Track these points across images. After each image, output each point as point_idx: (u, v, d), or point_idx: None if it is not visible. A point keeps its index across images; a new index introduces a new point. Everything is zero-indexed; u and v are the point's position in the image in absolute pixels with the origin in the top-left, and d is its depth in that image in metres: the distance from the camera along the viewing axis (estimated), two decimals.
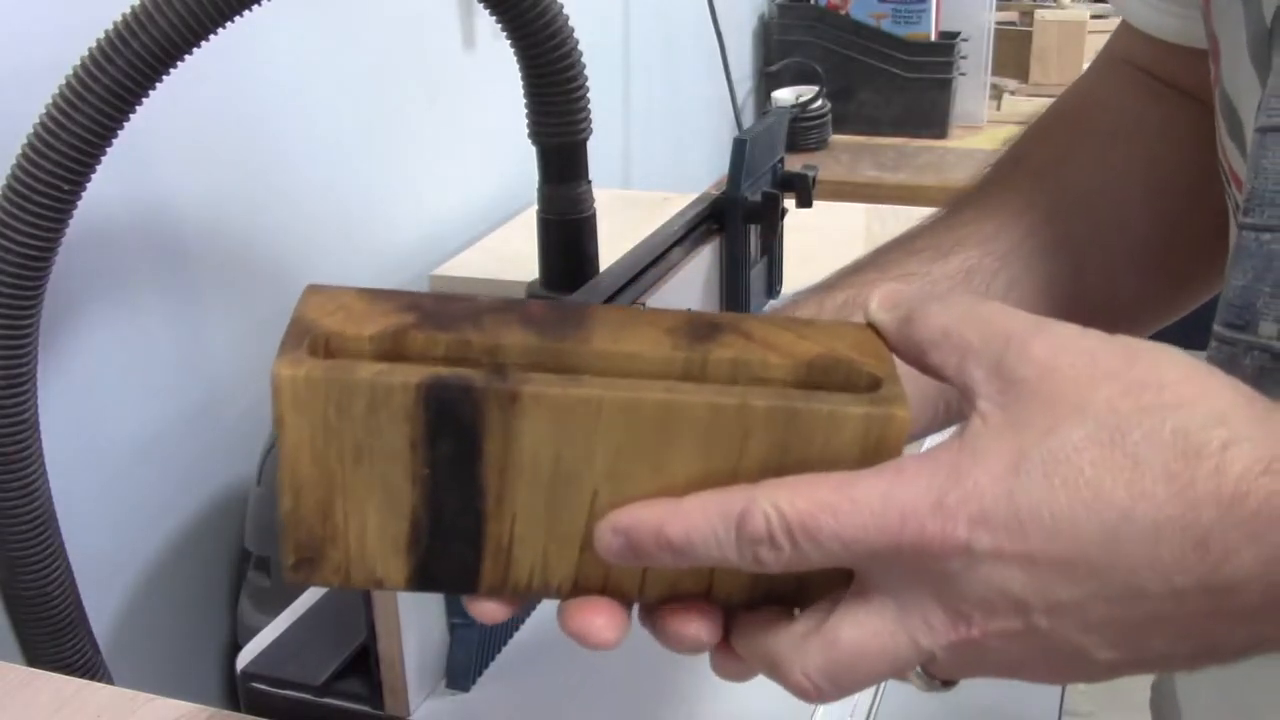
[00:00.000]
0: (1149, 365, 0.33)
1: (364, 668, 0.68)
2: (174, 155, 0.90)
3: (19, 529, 0.76)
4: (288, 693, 0.68)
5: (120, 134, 0.72)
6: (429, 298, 0.37)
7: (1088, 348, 0.34)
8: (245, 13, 0.72)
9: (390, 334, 0.36)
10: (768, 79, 2.18)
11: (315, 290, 0.37)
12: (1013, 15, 2.51)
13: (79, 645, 0.82)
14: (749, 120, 2.10)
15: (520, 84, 0.90)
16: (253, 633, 0.73)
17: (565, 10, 0.87)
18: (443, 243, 1.24)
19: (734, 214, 1.04)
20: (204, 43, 0.72)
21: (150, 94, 0.72)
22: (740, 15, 2.10)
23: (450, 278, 1.18)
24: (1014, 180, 0.60)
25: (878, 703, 0.68)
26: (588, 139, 0.94)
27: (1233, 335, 0.44)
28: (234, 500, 0.99)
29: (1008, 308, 0.36)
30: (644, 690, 0.68)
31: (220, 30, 0.72)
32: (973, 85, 2.17)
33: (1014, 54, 2.40)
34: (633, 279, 0.91)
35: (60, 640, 0.81)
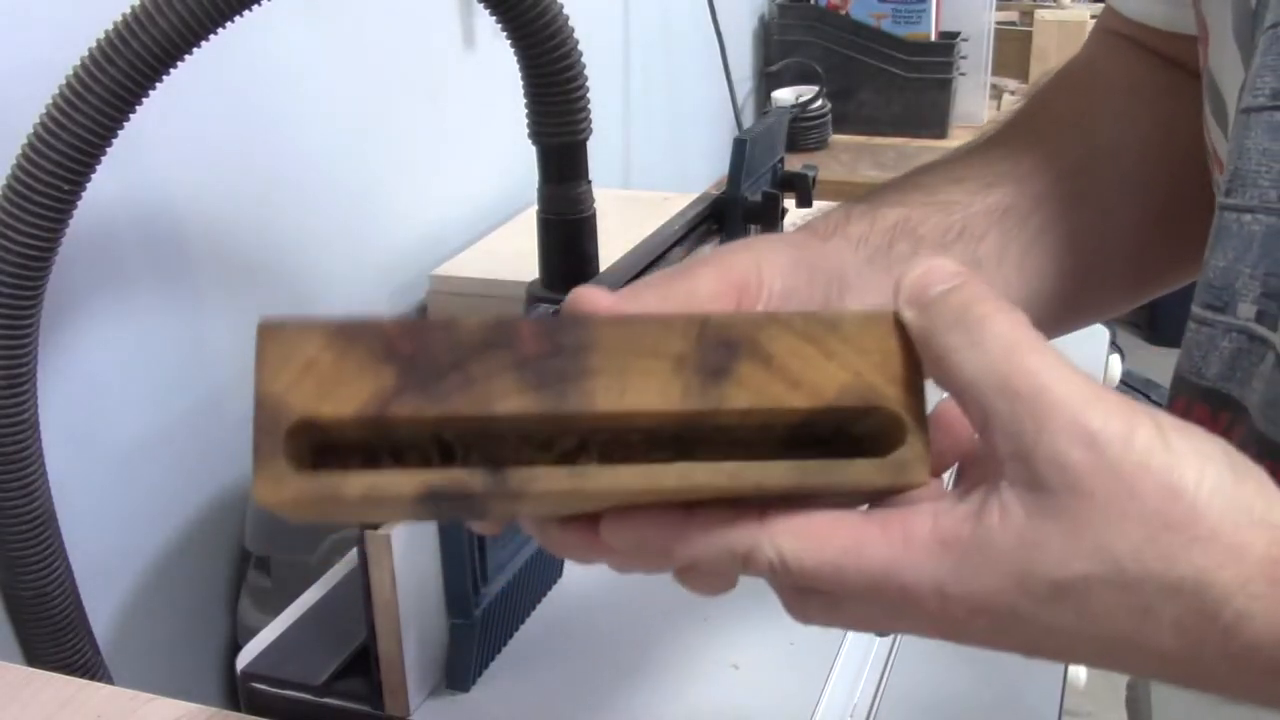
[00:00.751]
0: (1187, 509, 0.31)
1: (364, 668, 0.68)
2: (174, 155, 0.90)
3: (19, 529, 0.76)
4: (288, 693, 0.68)
5: (120, 134, 0.72)
6: (404, 334, 0.33)
7: (1128, 474, 0.31)
8: (245, 13, 0.72)
9: (372, 415, 0.33)
10: (768, 79, 2.19)
11: (272, 334, 0.33)
12: (1013, 15, 2.51)
13: (79, 645, 0.82)
14: (749, 120, 2.10)
15: (520, 84, 0.90)
16: (253, 633, 0.73)
17: (565, 10, 0.87)
18: (443, 242, 1.24)
19: (734, 214, 1.04)
20: (204, 43, 0.72)
21: (150, 94, 0.72)
22: (740, 15, 2.10)
23: (450, 277, 1.18)
24: (1040, 127, 0.59)
25: (878, 702, 0.68)
26: (588, 139, 0.94)
27: (1211, 316, 0.44)
28: (234, 500, 0.99)
29: (1044, 359, 0.32)
30: (644, 690, 0.68)
31: (220, 30, 0.72)
32: (973, 85, 2.17)
33: (1014, 54, 2.41)
34: (633, 279, 0.91)
35: (60, 640, 0.81)
